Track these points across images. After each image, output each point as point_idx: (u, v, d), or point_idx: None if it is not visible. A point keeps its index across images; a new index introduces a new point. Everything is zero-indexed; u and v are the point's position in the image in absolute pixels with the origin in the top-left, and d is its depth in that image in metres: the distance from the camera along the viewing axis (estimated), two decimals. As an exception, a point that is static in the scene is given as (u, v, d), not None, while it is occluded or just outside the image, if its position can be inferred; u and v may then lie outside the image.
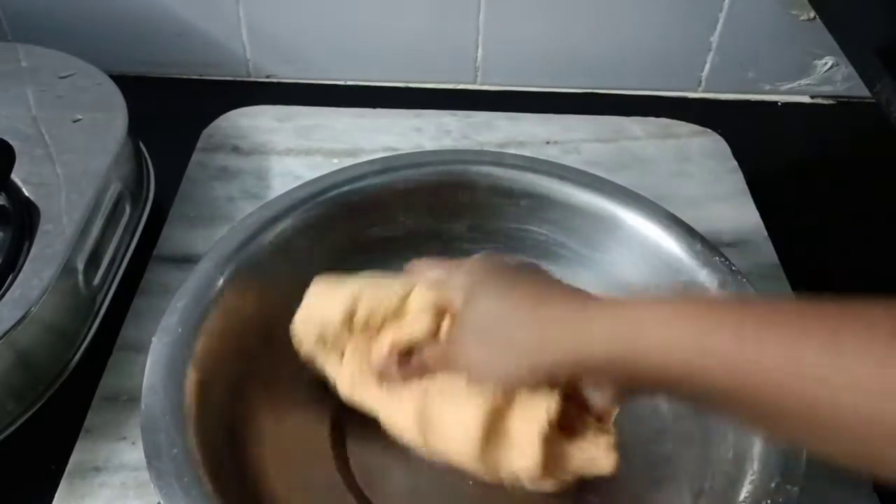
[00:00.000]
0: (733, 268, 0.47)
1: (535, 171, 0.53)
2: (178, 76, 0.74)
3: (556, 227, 0.53)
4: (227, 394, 0.44)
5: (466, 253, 0.53)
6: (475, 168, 0.53)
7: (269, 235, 0.49)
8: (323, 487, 0.43)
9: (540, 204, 0.53)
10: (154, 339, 0.43)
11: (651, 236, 0.50)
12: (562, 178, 0.53)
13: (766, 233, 0.58)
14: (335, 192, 0.52)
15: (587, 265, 0.52)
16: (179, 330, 0.43)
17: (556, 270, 0.52)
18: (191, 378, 0.41)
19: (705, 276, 0.47)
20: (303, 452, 0.44)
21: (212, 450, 0.40)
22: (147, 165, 0.59)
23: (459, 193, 0.53)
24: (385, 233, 0.53)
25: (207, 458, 0.39)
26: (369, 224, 0.52)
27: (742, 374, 0.30)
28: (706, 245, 0.48)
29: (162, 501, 0.37)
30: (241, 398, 0.45)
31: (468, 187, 0.53)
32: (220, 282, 0.46)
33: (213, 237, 0.56)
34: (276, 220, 0.49)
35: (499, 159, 0.54)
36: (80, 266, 0.48)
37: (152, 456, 0.38)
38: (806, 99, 0.75)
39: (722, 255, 0.48)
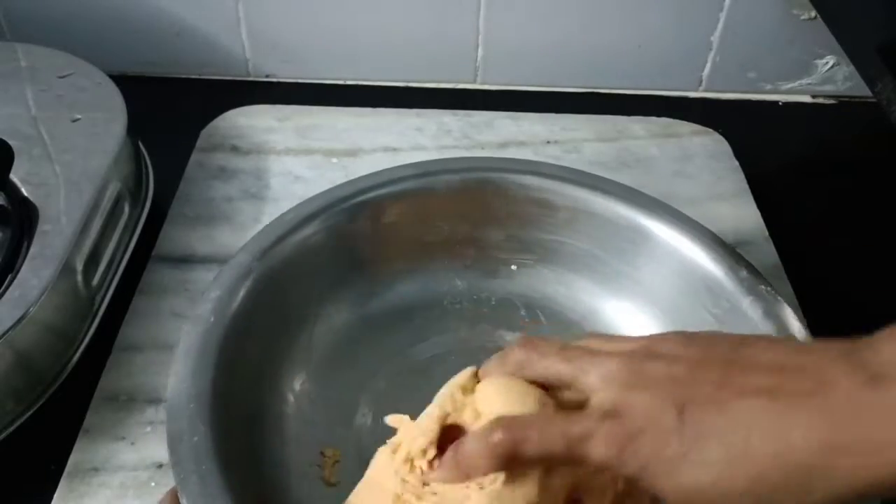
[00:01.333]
0: (779, 298, 0.46)
1: (575, 182, 0.52)
2: (178, 76, 0.73)
3: (594, 241, 0.52)
4: (252, 386, 0.44)
5: (504, 262, 0.54)
6: (514, 177, 0.52)
7: (305, 233, 0.49)
8: (340, 487, 0.42)
9: (579, 216, 0.52)
10: (186, 327, 0.42)
11: (693, 258, 0.49)
12: (603, 191, 0.51)
13: (767, 232, 0.58)
14: (373, 193, 0.51)
15: (624, 283, 0.51)
16: (211, 319, 0.43)
17: (593, 286, 0.52)
18: (218, 368, 0.41)
19: (748, 305, 0.46)
20: (325, 450, 0.44)
21: (233, 440, 0.40)
22: (146, 165, 0.59)
23: (497, 201, 0.52)
24: (422, 237, 0.52)
25: (228, 447, 0.39)
26: (406, 227, 0.52)
27: None
28: (752, 272, 0.47)
29: (178, 488, 0.36)
30: (265, 391, 0.45)
31: (506, 195, 0.52)
32: (255, 275, 0.45)
33: (212, 237, 0.56)
34: (313, 217, 0.49)
35: (538, 169, 0.53)
36: (79, 266, 0.48)
37: (173, 442, 0.38)
38: (807, 98, 0.74)
39: (768, 283, 0.46)
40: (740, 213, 0.60)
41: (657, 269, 0.50)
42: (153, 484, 0.43)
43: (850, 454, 0.25)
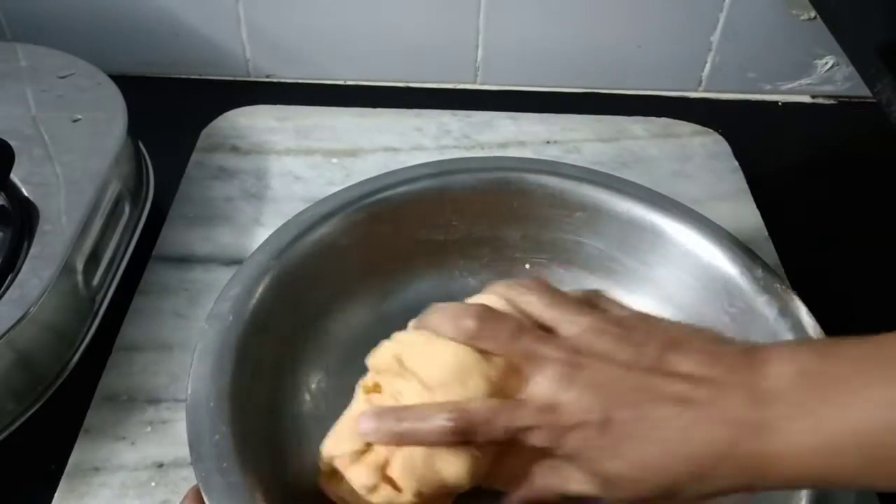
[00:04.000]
0: (794, 297, 0.46)
1: (592, 182, 0.52)
2: (178, 76, 0.73)
3: (610, 241, 0.52)
4: (270, 384, 0.44)
5: (519, 262, 0.53)
6: (532, 176, 0.52)
7: (322, 231, 0.49)
8: None
9: (596, 216, 0.52)
10: (205, 325, 0.43)
11: (708, 258, 0.49)
12: (620, 191, 0.52)
13: (766, 233, 0.58)
14: (389, 192, 0.51)
15: (640, 282, 0.51)
16: (230, 318, 0.43)
17: (609, 286, 0.51)
18: (237, 367, 0.41)
19: (763, 304, 0.46)
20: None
21: (253, 437, 0.40)
22: (146, 165, 0.59)
23: (514, 201, 0.52)
24: (437, 236, 0.52)
25: (248, 445, 0.39)
26: (422, 226, 0.52)
27: None
28: (767, 271, 0.47)
29: (200, 485, 0.37)
30: (283, 388, 0.45)
31: (523, 195, 0.52)
32: (272, 273, 0.46)
33: (212, 237, 0.56)
34: (329, 216, 0.49)
35: (556, 169, 0.53)
36: (80, 266, 0.48)
37: (194, 440, 0.38)
38: (807, 99, 0.74)
39: (783, 281, 0.47)
40: (740, 214, 0.60)
41: (673, 268, 0.50)
42: (153, 484, 0.43)
43: (730, 460, 0.31)
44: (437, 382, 0.36)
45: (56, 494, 0.43)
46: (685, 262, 0.50)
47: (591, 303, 0.40)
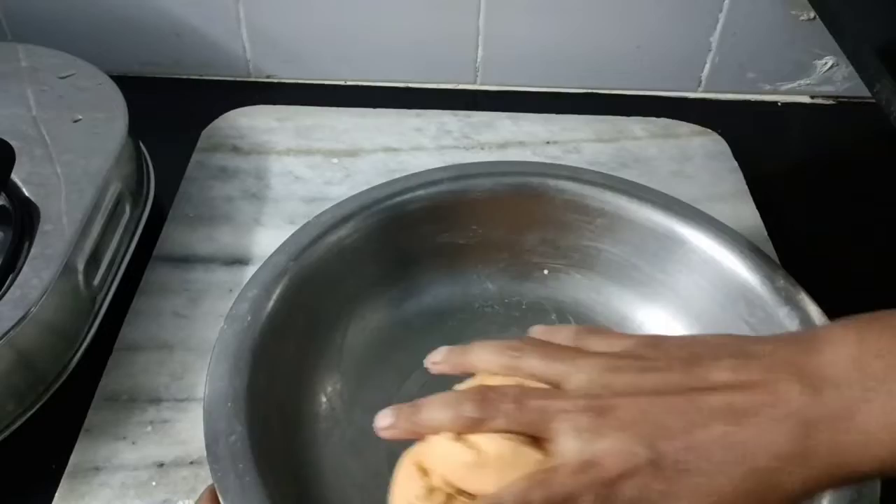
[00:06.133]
0: (815, 305, 0.45)
1: (613, 189, 0.52)
2: (178, 76, 0.74)
3: (629, 248, 0.51)
4: (287, 386, 0.44)
5: (537, 267, 0.53)
6: (552, 182, 0.52)
7: (341, 234, 0.49)
8: (372, 486, 0.43)
9: (615, 223, 0.51)
10: (223, 326, 0.43)
11: (729, 266, 0.48)
12: (640, 198, 0.51)
13: (766, 233, 0.58)
14: (410, 195, 0.51)
15: (658, 290, 0.51)
16: (248, 319, 0.43)
17: (627, 293, 0.52)
18: (255, 368, 0.42)
19: (785, 315, 0.45)
20: (357, 450, 0.45)
21: (269, 439, 0.40)
22: (147, 165, 0.59)
23: (534, 206, 0.52)
24: (456, 240, 0.52)
25: (264, 446, 0.39)
26: (441, 230, 0.52)
27: None
28: (789, 281, 0.46)
29: (216, 485, 0.37)
30: (300, 391, 0.45)
31: (543, 200, 0.52)
32: (290, 275, 0.46)
33: (212, 237, 0.56)
34: (348, 218, 0.49)
35: (577, 174, 0.53)
36: (80, 266, 0.48)
37: (211, 440, 0.38)
38: (806, 99, 0.75)
39: (805, 291, 0.46)
40: (739, 214, 0.60)
41: (692, 276, 0.50)
42: (154, 483, 0.43)
43: (801, 458, 0.29)
44: None
45: (56, 494, 0.43)
46: (705, 270, 0.49)
47: (585, 340, 0.36)
